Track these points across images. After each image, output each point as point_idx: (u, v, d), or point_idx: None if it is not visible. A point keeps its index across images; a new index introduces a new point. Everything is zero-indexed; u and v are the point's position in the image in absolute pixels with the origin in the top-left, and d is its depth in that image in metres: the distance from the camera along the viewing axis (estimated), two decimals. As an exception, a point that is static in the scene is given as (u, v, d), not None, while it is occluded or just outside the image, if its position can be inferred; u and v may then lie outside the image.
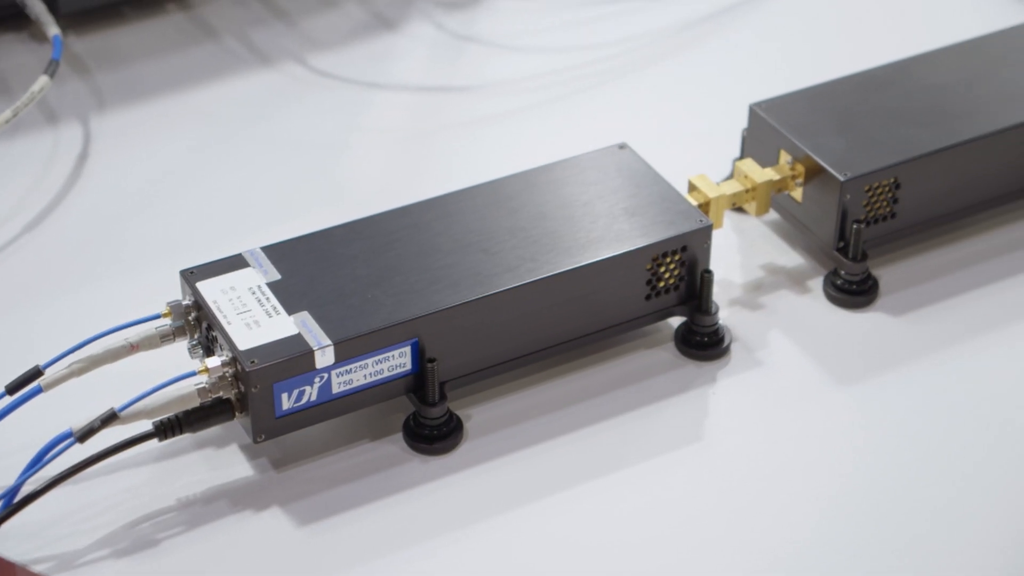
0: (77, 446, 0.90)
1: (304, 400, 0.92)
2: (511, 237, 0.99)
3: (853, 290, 1.06)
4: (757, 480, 0.95)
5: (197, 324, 0.95)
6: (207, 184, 1.18)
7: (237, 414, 0.93)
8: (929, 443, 0.97)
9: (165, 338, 0.95)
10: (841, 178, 1.03)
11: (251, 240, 1.01)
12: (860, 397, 1.00)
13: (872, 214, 1.06)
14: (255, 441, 0.92)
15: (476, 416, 0.99)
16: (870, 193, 1.05)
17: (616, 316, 1.00)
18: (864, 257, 1.06)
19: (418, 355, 0.94)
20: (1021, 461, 0.96)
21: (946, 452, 0.97)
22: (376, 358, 0.93)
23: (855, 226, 1.04)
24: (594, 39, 1.32)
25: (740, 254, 1.11)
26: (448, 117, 1.25)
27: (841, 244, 1.06)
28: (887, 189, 1.05)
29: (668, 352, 1.03)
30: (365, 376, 0.94)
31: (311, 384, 0.92)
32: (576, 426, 0.98)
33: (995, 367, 1.02)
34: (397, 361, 0.94)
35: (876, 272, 1.08)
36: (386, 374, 0.94)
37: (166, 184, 1.18)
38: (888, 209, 1.06)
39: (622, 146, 1.06)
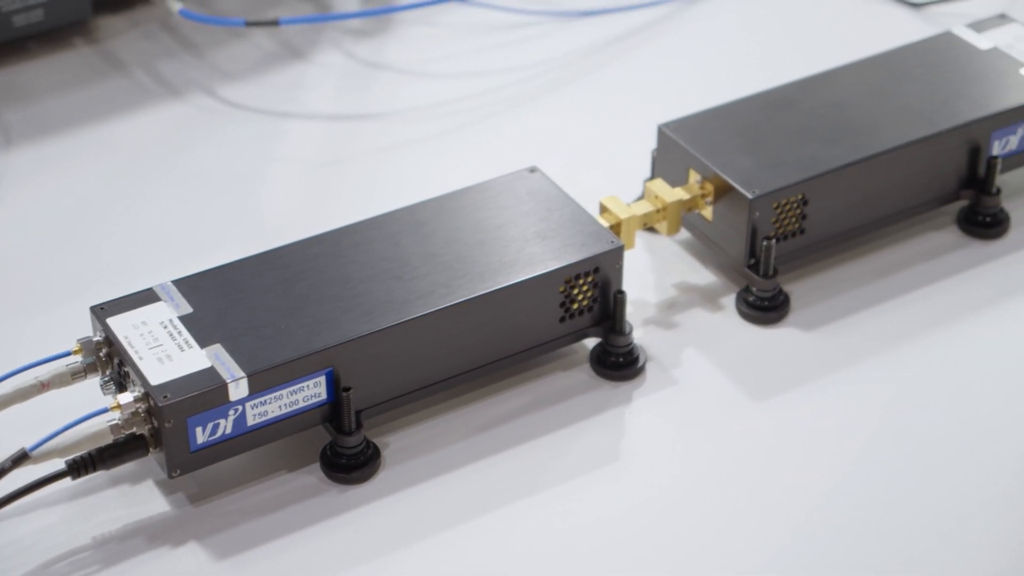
0: (-11, 487, 0.89)
1: (219, 433, 0.92)
2: (424, 263, 0.99)
3: (765, 306, 1.07)
4: (675, 498, 0.96)
5: (109, 360, 0.95)
6: (117, 219, 1.17)
7: (151, 449, 0.92)
8: (843, 456, 0.98)
9: (76, 375, 0.94)
10: (750, 196, 1.04)
11: (163, 274, 1.00)
12: (774, 412, 1.01)
13: (781, 230, 1.07)
14: (170, 476, 0.92)
15: (393, 443, 0.99)
16: (779, 210, 1.06)
17: (531, 339, 1.01)
18: (775, 273, 1.07)
19: (333, 384, 0.94)
20: (934, 471, 0.97)
21: (861, 464, 0.98)
22: (291, 389, 0.93)
23: (765, 243, 1.05)
24: (504, 64, 1.33)
25: (653, 273, 1.11)
26: (360, 145, 1.25)
27: (752, 261, 1.07)
28: (795, 205, 1.07)
29: (584, 373, 1.04)
30: (280, 407, 0.93)
31: (226, 417, 0.91)
32: (494, 450, 0.99)
33: (905, 378, 1.03)
34: (312, 391, 0.94)
35: (787, 288, 1.09)
36: (301, 404, 0.94)
37: (75, 220, 1.17)
38: (797, 225, 1.07)
39: (533, 170, 1.07)
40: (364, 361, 0.95)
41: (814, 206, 1.07)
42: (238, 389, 0.91)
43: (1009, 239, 1.14)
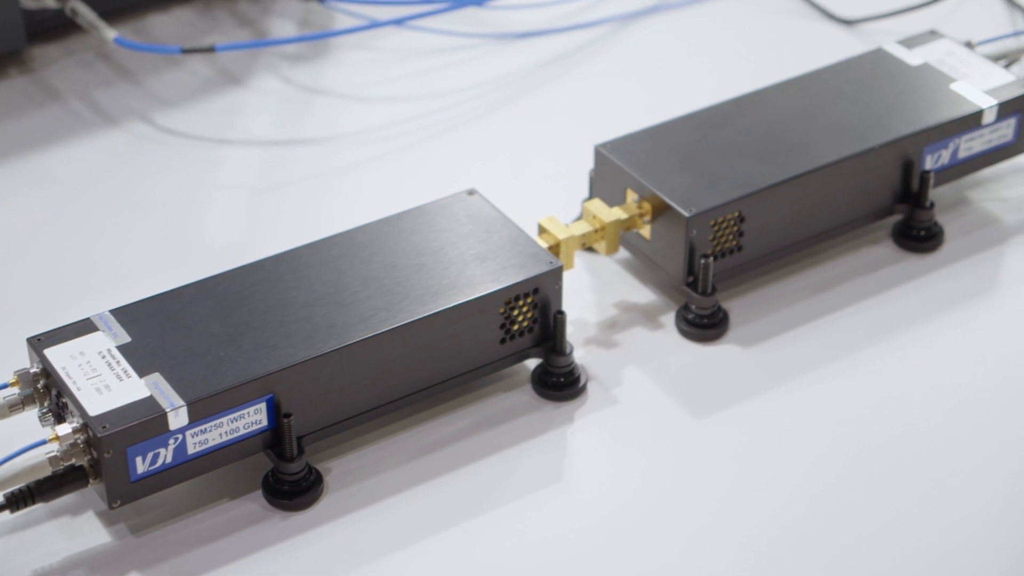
0: (-74, 522, 0.88)
1: (159, 463, 0.91)
2: (364, 288, 0.99)
3: (704, 323, 1.08)
4: (619, 516, 0.96)
5: (47, 392, 0.94)
6: (55, 248, 1.16)
7: (91, 480, 0.91)
8: (784, 472, 0.99)
9: (14, 407, 0.94)
10: (686, 214, 1.05)
11: (101, 304, 1.00)
12: (716, 429, 1.02)
13: (719, 248, 1.08)
14: (111, 507, 0.91)
15: (336, 468, 0.98)
16: (716, 227, 1.07)
17: (472, 361, 1.01)
18: (713, 291, 1.07)
19: (274, 411, 0.94)
20: (874, 484, 0.98)
21: (803, 479, 0.98)
22: (231, 416, 0.93)
23: (703, 260, 1.06)
24: (441, 87, 1.33)
25: (593, 293, 1.12)
26: (299, 170, 1.25)
27: (690, 279, 1.07)
28: (732, 223, 1.07)
29: (525, 394, 1.04)
30: (221, 435, 0.93)
31: (166, 446, 0.91)
32: (437, 473, 0.99)
33: (845, 392, 1.04)
34: (253, 418, 0.94)
35: (726, 305, 1.10)
36: (242, 432, 0.94)
37: (13, 249, 1.16)
38: (734, 242, 1.08)
39: (471, 192, 1.07)
40: (305, 386, 0.94)
41: (751, 223, 1.08)
42: (178, 418, 0.91)
43: (944, 252, 1.15)
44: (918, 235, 1.15)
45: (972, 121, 1.14)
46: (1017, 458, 0.99)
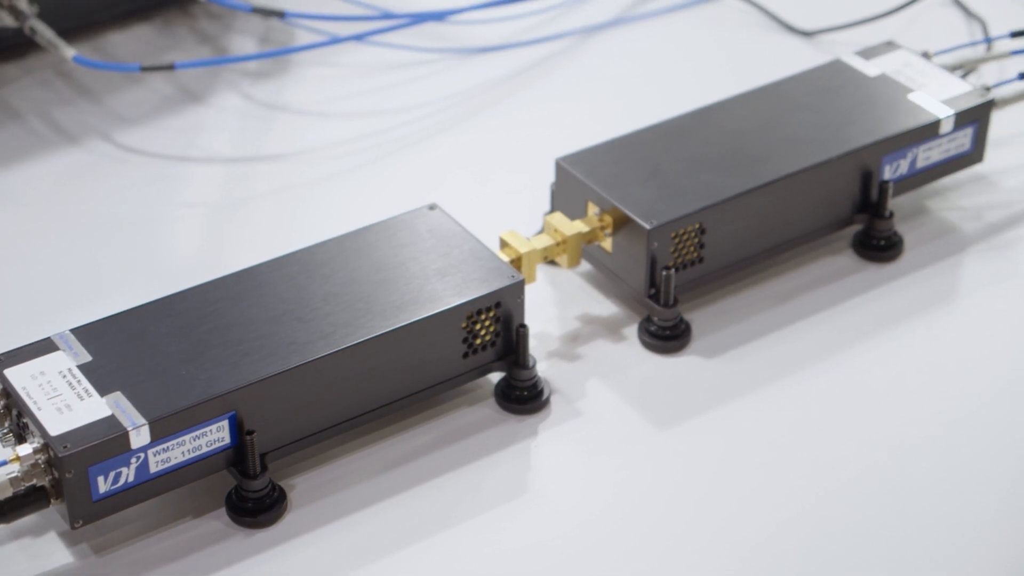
0: None
1: (121, 482, 0.91)
2: (325, 304, 0.99)
3: (667, 335, 1.08)
4: (584, 529, 0.96)
5: (7, 412, 0.93)
6: (14, 267, 1.16)
7: (53, 501, 0.91)
8: (748, 482, 0.99)
9: (-26, 428, 0.93)
10: (647, 226, 1.05)
11: (62, 323, 0.99)
12: (679, 440, 1.02)
13: (680, 260, 1.08)
14: (73, 527, 0.91)
15: (300, 485, 0.98)
16: (677, 240, 1.07)
17: (435, 376, 1.01)
18: (675, 302, 1.08)
19: (236, 428, 0.94)
20: (837, 494, 0.98)
21: (766, 489, 0.99)
22: (193, 434, 0.92)
23: (664, 272, 1.06)
24: (402, 102, 1.33)
25: (555, 306, 1.12)
26: (261, 187, 1.25)
27: (652, 291, 1.08)
28: (693, 235, 1.08)
29: (489, 408, 1.04)
30: (183, 453, 0.93)
31: (128, 465, 0.91)
32: (402, 488, 0.98)
33: (807, 402, 1.05)
34: (215, 436, 0.93)
35: (688, 316, 1.10)
36: (204, 449, 0.93)
37: (-27, 270, 1.16)
38: (696, 254, 1.09)
39: (432, 207, 1.07)
40: (267, 403, 0.94)
41: (712, 235, 1.08)
42: (139, 436, 0.90)
43: (903, 262, 1.15)
44: (878, 245, 1.15)
45: (930, 131, 1.15)
46: (979, 464, 1.00)
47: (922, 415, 1.03)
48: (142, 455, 0.91)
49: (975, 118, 1.17)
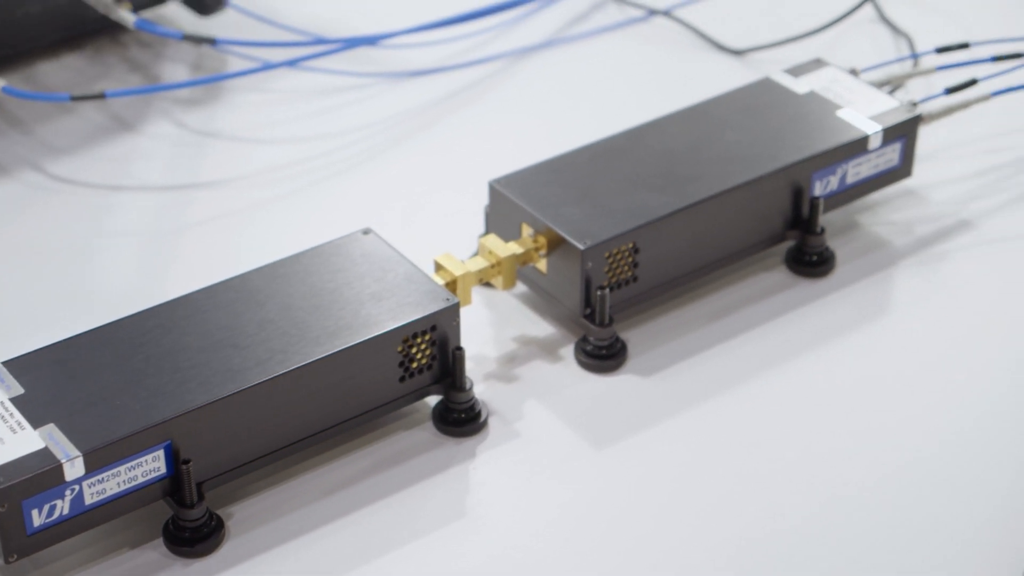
0: None
1: (56, 515, 0.90)
2: (260, 331, 0.99)
3: (603, 355, 1.09)
4: (524, 549, 0.96)
5: (-61, 446, 0.92)
6: (-54, 301, 1.15)
7: (-13, 535, 0.90)
8: (687, 498, 1.00)
9: (-95, 464, 0.92)
10: (581, 247, 1.06)
11: (-7, 355, 0.99)
12: (618, 458, 1.02)
13: (615, 279, 1.09)
14: (7, 562, 0.90)
15: (238, 513, 0.98)
16: (611, 259, 1.08)
17: (372, 400, 1.01)
18: (611, 322, 1.08)
19: (172, 457, 0.93)
20: (772, 508, 0.99)
21: (704, 505, 0.99)
22: (129, 464, 0.92)
23: (599, 292, 1.07)
24: (336, 127, 1.33)
25: (492, 328, 1.12)
26: (195, 215, 1.25)
27: (588, 311, 1.08)
28: (627, 254, 1.08)
29: (427, 431, 1.04)
30: (119, 484, 0.92)
31: (62, 497, 0.90)
32: (341, 513, 0.98)
33: (744, 418, 1.05)
34: (151, 466, 0.93)
35: (624, 335, 1.11)
36: (140, 480, 0.93)
37: (-97, 304, 1.15)
38: (630, 273, 1.09)
39: (366, 231, 1.07)
40: (203, 432, 0.94)
41: (645, 254, 1.09)
42: (74, 468, 0.90)
43: (836, 277, 1.17)
44: (810, 260, 1.16)
45: (858, 147, 1.16)
46: (913, 474, 1.01)
47: (857, 427, 1.04)
48: (77, 487, 0.90)
49: (903, 133, 1.18)
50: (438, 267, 1.07)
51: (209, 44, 1.34)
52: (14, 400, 0.93)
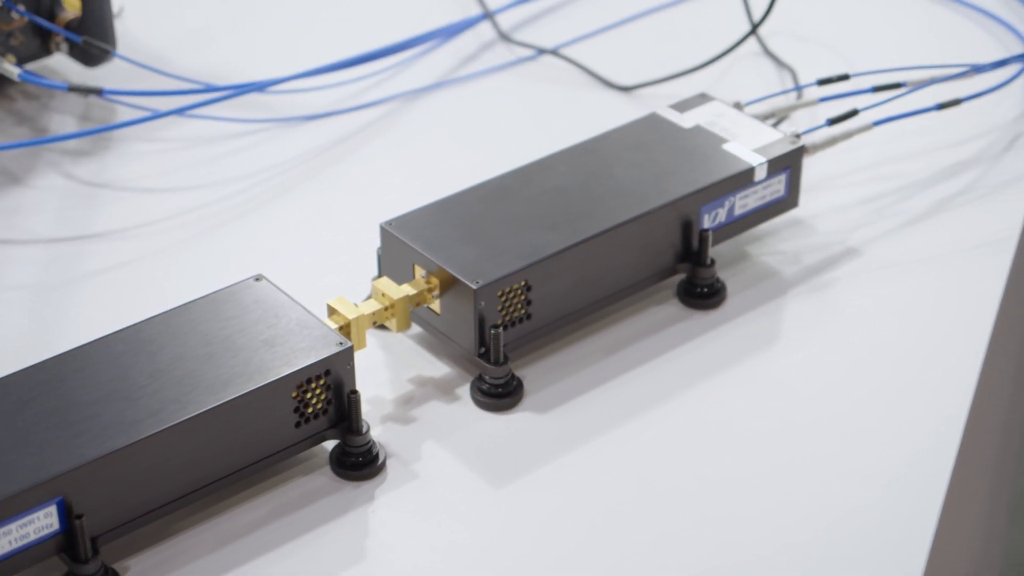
0: None
1: (-54, 576, 0.89)
2: (152, 381, 0.98)
3: (499, 393, 1.09)
4: (425, 592, 0.96)
5: None
6: None
7: None
8: (585, 534, 1.00)
9: None
10: (474, 286, 1.06)
11: None
12: (517, 496, 1.03)
13: (508, 317, 1.09)
14: None
15: (134, 567, 0.97)
16: (503, 298, 1.08)
17: (268, 447, 1.00)
18: (506, 360, 1.09)
19: (65, 513, 0.92)
20: (671, 538, 1.00)
21: (605, 540, 1.00)
22: (19, 522, 0.91)
23: (493, 331, 1.07)
24: (226, 173, 1.33)
25: (388, 370, 1.12)
26: (85, 267, 1.23)
27: (482, 350, 1.09)
28: (519, 292, 1.09)
29: (325, 476, 1.04)
30: (10, 543, 0.91)
31: (-48, 559, 0.89)
32: (240, 562, 0.97)
33: (641, 451, 1.06)
34: (43, 522, 0.92)
35: (520, 372, 1.11)
36: (33, 537, 0.92)
37: None
38: (523, 311, 1.10)
39: (258, 278, 1.07)
40: (96, 486, 0.93)
41: (538, 291, 1.10)
42: (-37, 528, 0.88)
43: (727, 307, 1.18)
44: (701, 292, 1.18)
45: (745, 179, 1.18)
46: (810, 502, 1.02)
47: (752, 456, 1.06)
48: (-33, 547, 0.89)
49: (787, 164, 1.20)
50: (331, 311, 1.07)
51: (96, 94, 1.33)
52: (-100, 461, 0.91)
